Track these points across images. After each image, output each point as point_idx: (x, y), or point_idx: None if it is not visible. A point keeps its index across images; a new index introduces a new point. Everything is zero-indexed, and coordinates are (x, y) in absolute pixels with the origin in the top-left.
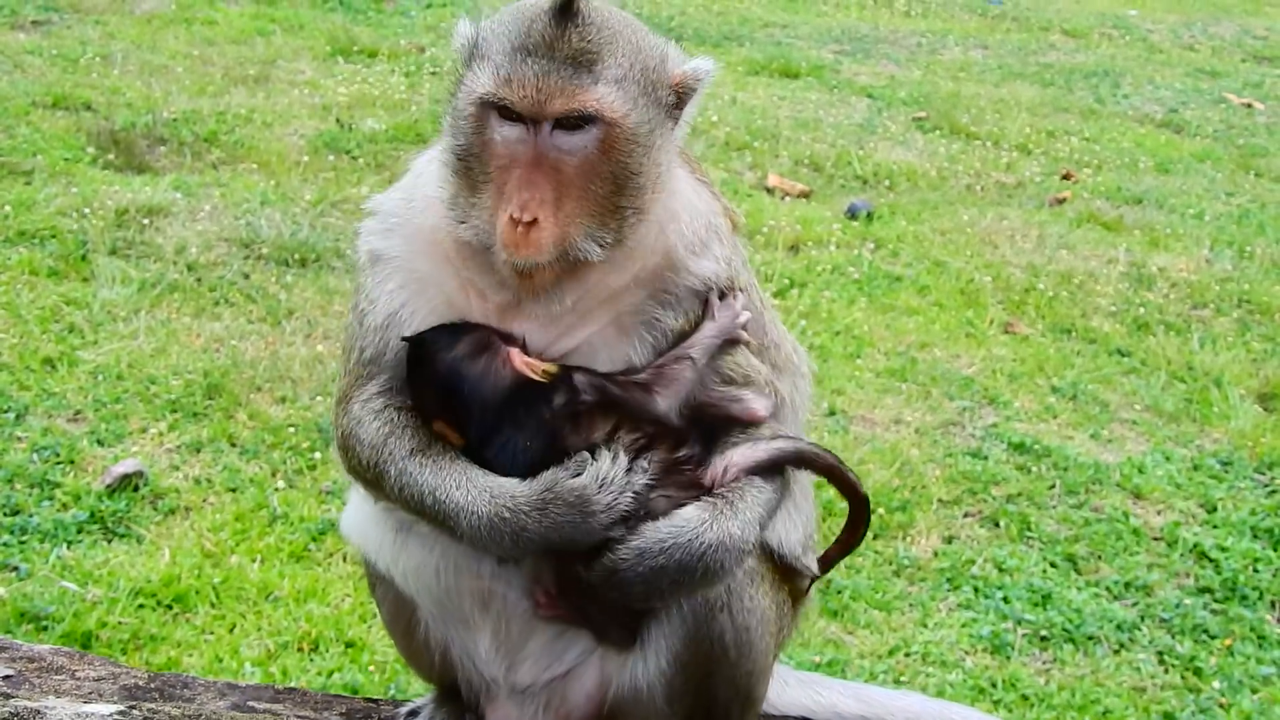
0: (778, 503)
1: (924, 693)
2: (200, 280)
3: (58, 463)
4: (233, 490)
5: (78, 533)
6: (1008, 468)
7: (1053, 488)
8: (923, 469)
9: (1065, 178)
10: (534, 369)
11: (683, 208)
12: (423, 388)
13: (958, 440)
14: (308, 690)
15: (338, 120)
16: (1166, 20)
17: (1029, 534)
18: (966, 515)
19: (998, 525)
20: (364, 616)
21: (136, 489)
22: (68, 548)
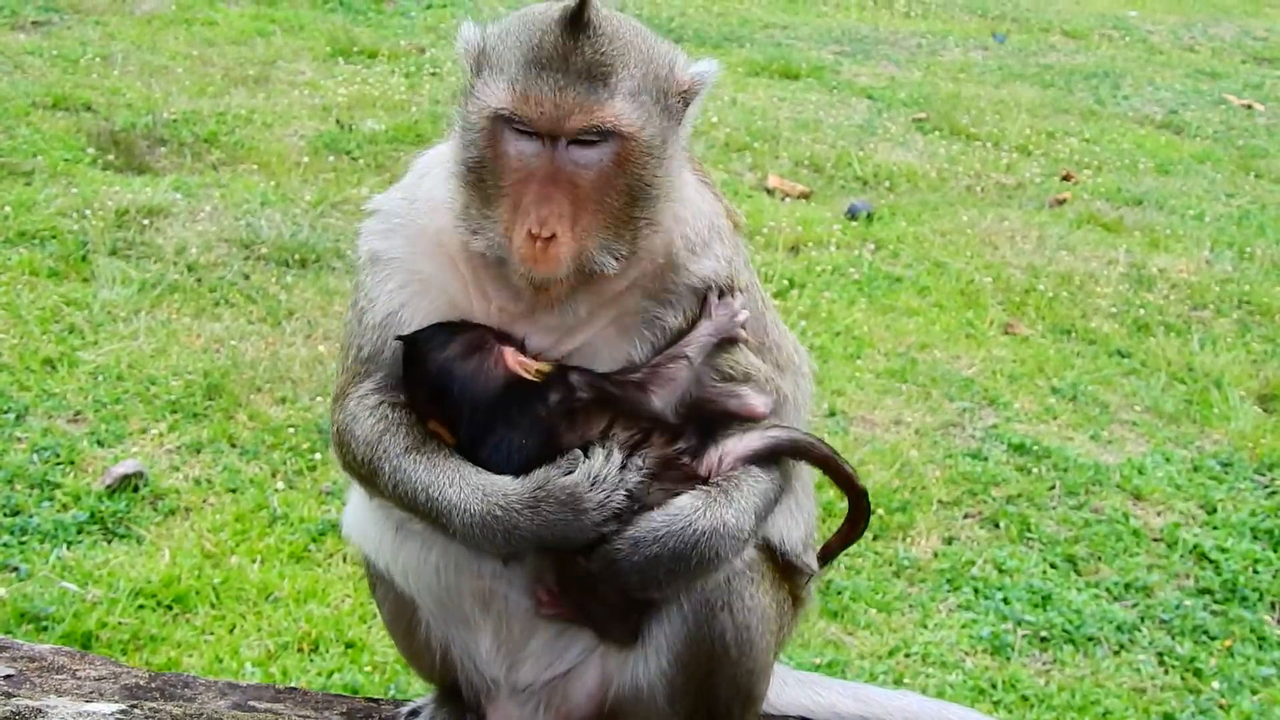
0: (776, 494)
1: (924, 694)
2: (200, 281)
3: (58, 463)
4: (233, 491)
5: (78, 533)
6: (1008, 469)
7: (1053, 489)
8: (923, 470)
9: (1065, 179)
10: (527, 368)
11: (687, 210)
12: (416, 387)
13: (958, 441)
14: (308, 690)
15: (338, 121)
16: (1166, 21)
17: (1029, 535)
18: (966, 516)
19: (998, 526)
20: (364, 617)
21: (136, 489)
22: (68, 548)
